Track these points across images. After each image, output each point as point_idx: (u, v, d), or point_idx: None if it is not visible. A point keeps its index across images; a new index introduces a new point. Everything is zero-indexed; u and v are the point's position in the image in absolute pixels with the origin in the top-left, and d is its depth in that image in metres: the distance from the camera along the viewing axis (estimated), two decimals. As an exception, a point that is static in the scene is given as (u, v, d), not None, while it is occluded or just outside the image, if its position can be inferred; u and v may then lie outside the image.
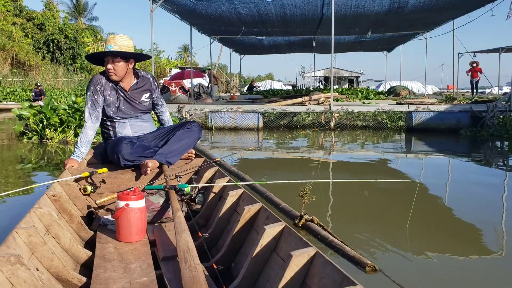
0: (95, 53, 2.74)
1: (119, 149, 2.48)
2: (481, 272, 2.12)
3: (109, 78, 2.66)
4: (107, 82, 2.69)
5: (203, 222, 2.30)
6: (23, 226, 1.53)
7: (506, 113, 8.71)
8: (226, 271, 1.72)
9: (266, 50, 18.62)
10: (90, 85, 2.69)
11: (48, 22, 29.45)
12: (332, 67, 10.96)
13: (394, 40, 15.94)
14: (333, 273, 1.20)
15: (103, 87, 2.68)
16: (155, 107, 2.96)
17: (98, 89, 2.66)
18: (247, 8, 9.98)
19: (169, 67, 33.08)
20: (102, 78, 2.69)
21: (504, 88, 22.76)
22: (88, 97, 2.67)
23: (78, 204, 2.25)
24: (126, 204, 1.84)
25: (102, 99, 2.68)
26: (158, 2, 9.15)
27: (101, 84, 2.68)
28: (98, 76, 2.71)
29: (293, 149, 6.78)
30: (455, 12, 10.56)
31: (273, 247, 1.52)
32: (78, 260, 1.76)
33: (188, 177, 2.64)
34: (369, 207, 3.31)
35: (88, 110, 2.67)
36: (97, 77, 2.70)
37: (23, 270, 1.28)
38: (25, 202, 3.23)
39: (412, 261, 2.22)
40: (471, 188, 4.06)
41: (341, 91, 15.99)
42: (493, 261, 2.23)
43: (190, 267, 1.30)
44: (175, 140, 2.69)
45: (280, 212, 2.66)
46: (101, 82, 2.68)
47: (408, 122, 9.17)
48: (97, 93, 2.66)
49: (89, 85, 2.70)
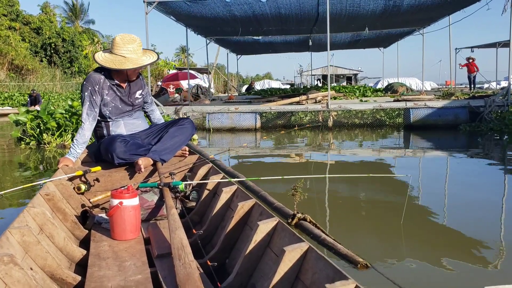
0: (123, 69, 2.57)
1: (113, 148, 2.47)
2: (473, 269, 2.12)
3: (108, 76, 2.63)
4: (105, 81, 2.63)
5: (197, 219, 2.30)
6: (17, 225, 1.53)
7: (504, 108, 8.73)
8: (221, 268, 1.72)
9: (262, 50, 18.61)
10: (87, 85, 2.59)
11: (45, 26, 29.43)
12: (330, 65, 10.96)
13: (390, 37, 15.94)
14: (325, 268, 1.20)
15: (101, 87, 2.61)
16: (144, 104, 2.94)
17: (96, 89, 2.59)
18: (242, 10, 9.96)
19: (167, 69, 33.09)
20: (100, 78, 2.61)
21: (502, 83, 22.74)
22: (86, 97, 2.59)
23: (72, 203, 2.25)
24: (120, 202, 1.83)
25: (100, 99, 2.62)
26: (153, 5, 9.15)
27: (100, 84, 2.60)
28: (97, 75, 2.62)
29: (290, 148, 6.78)
30: (451, 8, 10.56)
31: (267, 243, 1.52)
32: (72, 259, 1.75)
33: (182, 174, 2.64)
34: (362, 205, 3.32)
35: (86, 111, 2.59)
36: (95, 76, 2.61)
37: (16, 270, 1.27)
38: (18, 202, 3.23)
39: (403, 258, 2.22)
40: (467, 183, 4.06)
41: (339, 89, 15.97)
42: (487, 257, 2.23)
43: (185, 264, 1.29)
44: (168, 137, 2.67)
45: (274, 211, 2.66)
46: (100, 82, 2.60)
47: (406, 119, 9.17)
48: (96, 93, 2.60)
49: (86, 84, 2.60)
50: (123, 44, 2.57)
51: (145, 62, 2.62)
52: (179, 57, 46.91)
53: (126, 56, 2.56)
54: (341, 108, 9.35)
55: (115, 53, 2.57)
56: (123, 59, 2.56)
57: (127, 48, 2.57)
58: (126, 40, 2.59)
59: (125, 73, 2.64)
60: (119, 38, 2.59)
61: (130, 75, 2.68)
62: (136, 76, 2.74)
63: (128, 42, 2.59)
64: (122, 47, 2.56)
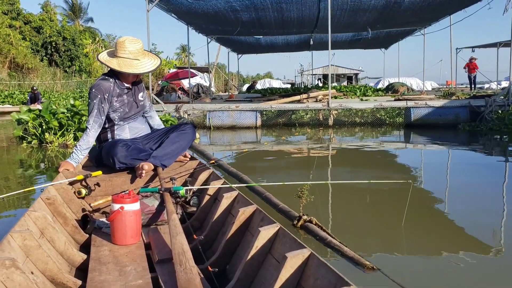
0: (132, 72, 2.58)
1: (114, 152, 2.46)
2: (478, 269, 2.11)
3: (117, 80, 2.62)
4: (115, 88, 2.60)
5: (198, 224, 2.29)
6: (18, 229, 1.53)
7: (505, 108, 8.72)
8: (221, 273, 1.71)
9: (263, 49, 18.60)
10: (96, 92, 2.55)
11: (46, 25, 29.40)
12: (331, 65, 10.95)
13: (391, 37, 15.92)
14: (327, 274, 1.20)
15: (111, 94, 2.59)
16: (144, 108, 2.88)
17: (106, 98, 2.56)
18: (243, 5, 9.96)
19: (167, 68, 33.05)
20: (110, 85, 2.58)
21: (503, 83, 22.70)
22: (94, 104, 2.54)
23: (72, 207, 2.24)
24: (121, 207, 1.83)
25: (108, 107, 2.60)
26: (154, 2, 9.14)
27: (110, 92, 2.57)
28: (106, 83, 2.58)
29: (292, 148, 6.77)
30: (452, 8, 10.54)
31: (268, 249, 1.52)
32: (73, 263, 1.75)
33: (183, 179, 2.63)
34: (366, 207, 3.31)
35: (93, 118, 2.56)
36: (105, 84, 2.57)
37: (18, 274, 1.27)
38: (19, 206, 3.22)
39: (410, 259, 2.21)
40: (468, 183, 4.06)
41: (339, 89, 15.97)
42: (491, 257, 2.23)
43: (185, 269, 1.29)
44: (169, 142, 2.67)
45: (279, 212, 2.66)
46: (110, 90, 2.57)
47: (407, 118, 9.17)
48: (105, 101, 2.56)
49: (95, 91, 2.56)
50: (133, 47, 2.57)
51: (157, 63, 2.66)
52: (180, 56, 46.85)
53: (139, 59, 2.57)
54: (341, 106, 9.35)
55: (127, 57, 2.56)
56: (138, 62, 2.57)
57: (137, 50, 2.58)
58: (133, 42, 2.59)
59: (132, 76, 2.64)
60: (128, 41, 2.58)
61: (137, 77, 2.69)
62: (138, 78, 2.74)
63: (137, 44, 2.60)
64: (133, 50, 2.57)
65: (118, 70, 2.55)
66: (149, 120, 2.98)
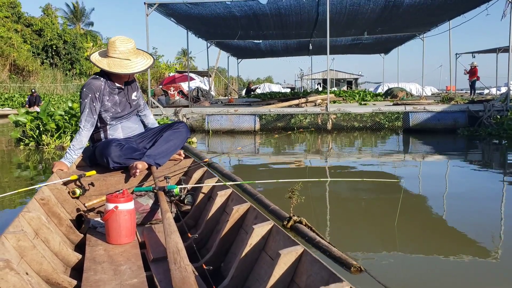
0: (124, 73, 2.57)
1: (108, 152, 2.46)
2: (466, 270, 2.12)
3: (109, 80, 2.61)
4: (106, 87, 2.60)
5: (192, 222, 2.29)
6: (12, 230, 1.52)
7: (503, 113, 8.74)
8: (216, 271, 1.71)
9: (263, 54, 18.65)
10: (87, 92, 2.54)
11: (47, 28, 29.49)
12: (330, 69, 10.98)
13: (391, 42, 15.97)
14: (320, 270, 1.20)
15: (102, 93, 2.58)
16: (138, 108, 2.88)
17: (97, 96, 2.55)
18: (242, 11, 10.01)
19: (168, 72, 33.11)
20: (101, 84, 2.57)
21: (502, 89, 22.72)
22: (86, 103, 2.54)
23: (67, 207, 2.24)
24: (115, 207, 1.83)
25: (100, 106, 2.59)
26: (153, 7, 9.18)
27: (101, 91, 2.56)
28: (97, 82, 2.57)
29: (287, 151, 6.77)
30: (451, 13, 10.58)
31: (262, 246, 1.52)
32: (68, 263, 1.75)
33: (177, 178, 2.63)
34: (358, 208, 3.31)
35: (85, 118, 2.55)
36: (96, 83, 2.56)
37: (12, 275, 1.26)
38: (13, 207, 3.22)
39: (397, 262, 2.22)
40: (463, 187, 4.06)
41: (338, 93, 16.01)
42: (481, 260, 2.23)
43: (180, 268, 1.29)
44: (163, 141, 2.67)
45: (270, 213, 2.65)
46: (101, 89, 2.56)
47: (405, 122, 9.18)
48: (96, 100, 2.55)
49: (86, 90, 2.55)
50: (124, 47, 2.56)
51: (149, 63, 2.65)
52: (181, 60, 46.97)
53: (131, 59, 2.57)
54: (340, 111, 9.36)
55: (117, 57, 2.55)
56: (129, 62, 2.56)
57: (129, 50, 2.57)
58: (125, 42, 2.58)
59: (123, 76, 2.64)
60: (119, 41, 2.58)
61: (129, 77, 2.69)
62: (131, 78, 2.74)
63: (128, 44, 2.58)
64: (124, 50, 2.56)
65: (107, 70, 2.55)
66: (143, 118, 2.97)
